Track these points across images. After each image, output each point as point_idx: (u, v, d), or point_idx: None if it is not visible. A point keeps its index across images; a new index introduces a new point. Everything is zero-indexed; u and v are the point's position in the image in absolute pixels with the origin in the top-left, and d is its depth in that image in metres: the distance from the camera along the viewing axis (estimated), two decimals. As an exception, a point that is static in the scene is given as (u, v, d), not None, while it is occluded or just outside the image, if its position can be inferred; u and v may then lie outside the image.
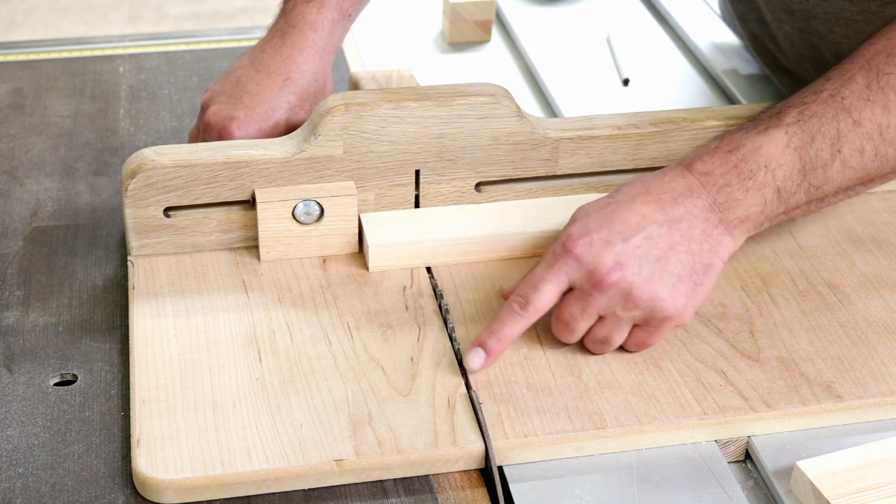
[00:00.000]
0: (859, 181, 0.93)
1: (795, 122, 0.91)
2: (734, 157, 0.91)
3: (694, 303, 0.90)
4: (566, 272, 0.88)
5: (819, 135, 0.90)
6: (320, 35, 1.08)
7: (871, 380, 0.89)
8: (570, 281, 0.89)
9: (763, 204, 0.91)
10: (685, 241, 0.89)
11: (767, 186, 0.90)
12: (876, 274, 1.00)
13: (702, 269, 0.89)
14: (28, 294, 0.99)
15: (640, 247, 0.88)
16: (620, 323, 0.89)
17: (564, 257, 0.88)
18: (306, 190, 0.99)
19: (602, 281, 0.87)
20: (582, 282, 0.88)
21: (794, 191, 0.91)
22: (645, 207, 0.89)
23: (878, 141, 0.90)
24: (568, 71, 1.33)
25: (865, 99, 0.90)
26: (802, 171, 0.91)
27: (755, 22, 1.23)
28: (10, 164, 1.17)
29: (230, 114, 1.05)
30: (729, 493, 0.82)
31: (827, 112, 0.90)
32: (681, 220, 0.89)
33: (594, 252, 0.88)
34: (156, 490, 0.81)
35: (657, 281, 0.88)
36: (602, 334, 0.90)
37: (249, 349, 0.91)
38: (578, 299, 0.89)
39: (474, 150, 1.01)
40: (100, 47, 1.40)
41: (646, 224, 0.89)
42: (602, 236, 0.88)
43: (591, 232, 0.89)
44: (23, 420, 0.87)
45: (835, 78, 0.92)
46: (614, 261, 0.87)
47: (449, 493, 0.82)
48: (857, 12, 1.07)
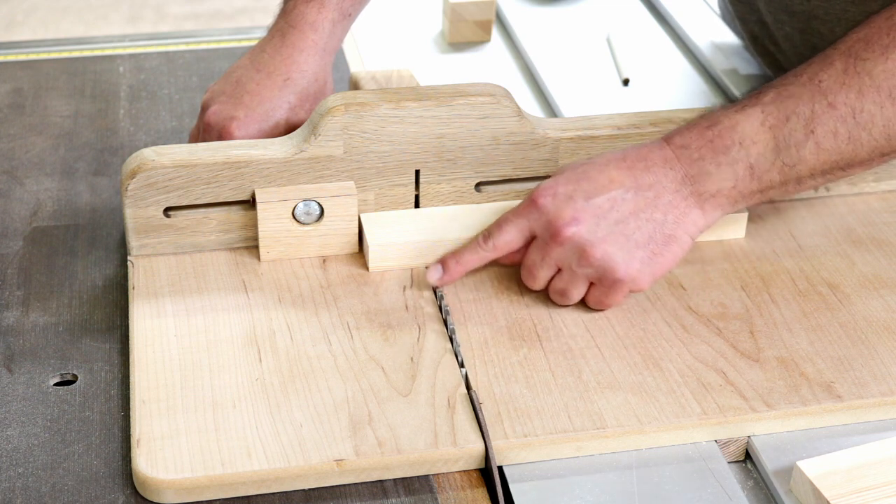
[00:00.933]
0: (835, 164, 0.93)
1: (772, 101, 0.92)
2: (710, 133, 0.93)
3: (651, 271, 0.93)
4: (528, 219, 0.94)
5: (794, 115, 0.91)
6: (320, 35, 1.08)
7: (871, 380, 0.89)
8: (531, 228, 0.94)
9: (735, 179, 0.92)
10: (649, 208, 0.92)
11: (740, 162, 0.92)
12: (876, 274, 1.00)
13: (662, 239, 0.92)
14: (28, 294, 0.99)
15: (601, 207, 0.92)
16: (575, 278, 0.93)
17: (529, 206, 0.94)
18: (306, 190, 0.99)
19: (558, 233, 0.92)
20: (542, 231, 0.93)
21: (768, 168, 0.92)
22: (616, 172, 0.93)
23: (851, 124, 0.91)
24: (568, 71, 1.33)
25: (841, 83, 0.91)
26: (776, 149, 0.92)
27: (755, 23, 1.24)
28: (10, 164, 1.17)
29: (230, 114, 1.05)
30: (729, 493, 0.82)
31: (803, 94, 0.92)
32: (649, 187, 0.93)
33: (556, 204, 0.92)
34: (156, 490, 0.81)
35: (611, 242, 0.92)
36: (559, 286, 0.94)
37: (249, 349, 0.91)
38: (538, 248, 0.94)
39: (474, 150, 1.01)
40: (100, 47, 1.40)
41: (612, 187, 0.93)
42: (567, 191, 0.93)
43: (557, 185, 0.94)
44: (23, 420, 0.87)
45: (816, 62, 0.93)
46: (572, 216, 0.92)
47: (449, 493, 0.82)
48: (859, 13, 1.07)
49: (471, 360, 0.90)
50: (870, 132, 0.91)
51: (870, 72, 0.90)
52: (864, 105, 0.91)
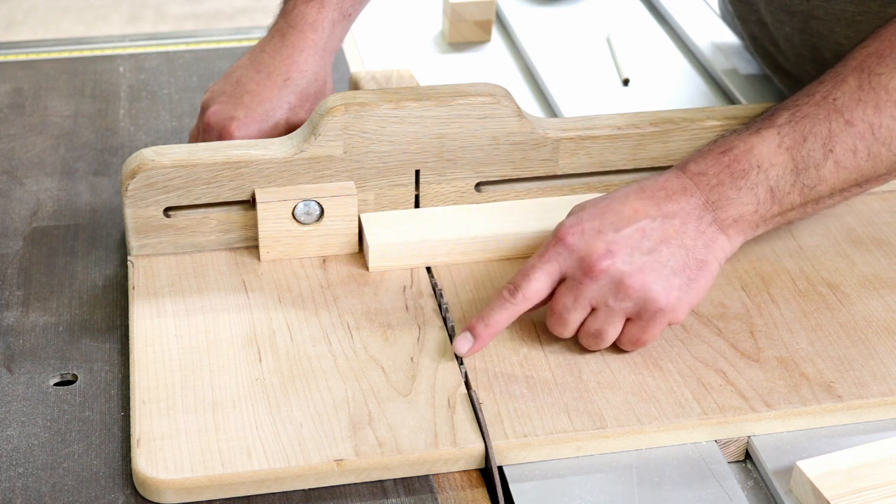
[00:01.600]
0: (854, 182, 0.93)
1: (787, 122, 0.91)
2: (727, 158, 0.91)
3: (688, 299, 0.89)
4: (557, 261, 0.89)
5: (811, 135, 0.91)
6: (320, 35, 1.08)
7: (871, 380, 0.89)
8: (561, 270, 0.89)
9: (756, 203, 0.91)
10: (678, 235, 0.89)
11: (760, 186, 0.90)
12: (876, 274, 1.00)
13: (696, 265, 0.89)
14: (28, 294, 0.99)
15: (632, 237, 0.89)
16: (612, 315, 0.89)
17: (556, 246, 0.89)
18: (306, 190, 0.99)
19: (592, 268, 0.88)
20: (573, 270, 0.89)
21: (788, 191, 0.91)
22: (638, 203, 0.90)
23: (870, 140, 0.90)
24: (568, 71, 1.33)
25: (857, 99, 0.90)
26: (795, 170, 0.91)
27: (755, 23, 1.23)
28: (10, 164, 1.17)
29: (230, 114, 1.05)
30: (729, 493, 0.82)
31: (819, 113, 0.91)
32: (674, 216, 0.90)
33: (585, 240, 0.89)
34: (156, 490, 0.81)
35: (649, 271, 0.88)
36: (594, 327, 0.89)
37: (249, 349, 0.91)
38: (570, 289, 0.89)
39: (474, 150, 1.01)
40: (100, 47, 1.40)
41: (638, 217, 0.89)
42: (594, 226, 0.89)
43: (583, 222, 0.90)
44: (23, 420, 0.87)
45: (827, 81, 0.92)
46: (605, 248, 0.88)
47: (449, 493, 0.82)
48: (858, 13, 1.07)
49: (471, 360, 0.90)
50: (889, 147, 0.91)
51: (885, 86, 0.90)
52: (882, 120, 0.90)
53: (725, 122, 1.03)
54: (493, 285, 0.98)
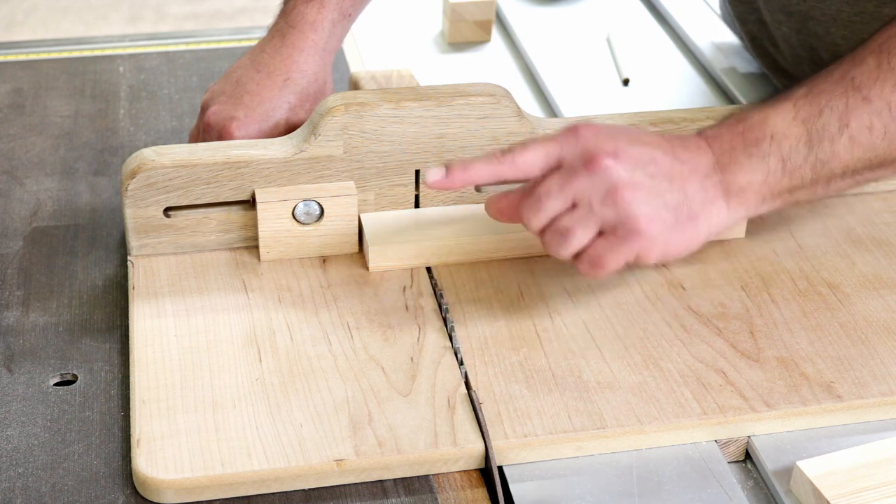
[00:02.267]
0: (867, 162, 0.91)
1: (803, 96, 0.91)
2: (741, 126, 0.91)
3: (665, 241, 0.88)
4: (561, 144, 0.88)
5: (827, 108, 0.90)
6: (320, 35, 1.08)
7: (871, 380, 0.89)
8: (560, 156, 0.88)
9: (766, 173, 0.90)
10: (682, 179, 0.88)
11: (772, 156, 0.89)
12: (876, 274, 1.00)
13: (687, 213, 0.88)
14: (28, 294, 0.99)
15: (642, 156, 0.87)
16: (589, 217, 0.86)
17: (566, 133, 0.88)
18: (306, 190, 0.99)
19: (594, 160, 0.86)
20: (573, 159, 0.87)
21: (800, 164, 0.90)
22: (656, 138, 0.90)
23: (887, 118, 0.89)
24: (568, 71, 1.33)
25: (875, 78, 0.89)
26: (809, 142, 0.89)
27: (754, 23, 1.24)
28: (10, 164, 1.17)
29: (230, 114, 1.05)
30: (729, 493, 0.82)
31: (836, 89, 0.90)
32: (684, 162, 0.89)
33: (598, 137, 0.87)
34: (156, 490, 0.81)
35: (644, 190, 0.86)
36: (566, 223, 0.87)
37: (249, 349, 0.91)
38: (561, 175, 0.87)
39: (474, 150, 1.01)
40: (100, 47, 1.40)
41: (653, 146, 0.89)
42: (610, 132, 0.88)
43: (600, 126, 0.89)
44: (23, 420, 0.87)
45: (846, 62, 0.92)
46: (613, 149, 0.87)
47: (449, 493, 0.82)
48: (855, 13, 1.07)
49: (471, 360, 0.90)
50: None
51: None
52: None
53: (725, 122, 1.03)
54: (494, 285, 0.98)
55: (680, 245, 0.89)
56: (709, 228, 0.89)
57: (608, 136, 0.88)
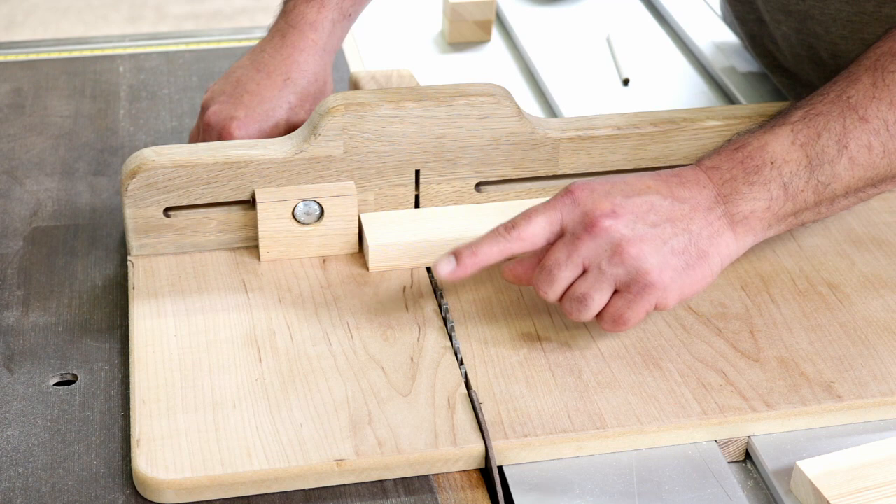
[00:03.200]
0: (869, 181, 0.92)
1: (801, 119, 0.91)
2: (740, 154, 0.91)
3: (681, 284, 0.88)
4: (561, 210, 0.88)
5: (825, 131, 0.90)
6: (320, 35, 1.08)
7: (871, 380, 0.89)
8: (562, 221, 0.88)
9: (769, 199, 0.90)
10: (685, 219, 0.88)
11: (773, 182, 0.90)
12: (876, 274, 1.00)
13: (697, 253, 0.88)
14: (28, 294, 0.99)
15: (640, 207, 0.88)
16: (602, 280, 0.87)
17: (563, 197, 0.89)
18: (306, 190, 0.99)
19: (594, 224, 0.87)
20: (574, 224, 0.88)
21: (802, 188, 0.90)
22: (651, 181, 0.90)
23: (885, 136, 0.90)
24: (568, 71, 1.33)
25: (871, 97, 0.90)
26: (809, 167, 0.90)
27: (754, 22, 1.24)
28: (10, 164, 1.17)
29: (230, 113, 1.05)
30: (729, 493, 0.82)
31: (833, 110, 0.91)
32: (684, 200, 0.89)
33: (593, 197, 0.88)
34: (156, 490, 0.81)
35: (648, 243, 0.87)
36: (581, 290, 0.87)
37: (249, 349, 0.91)
38: (566, 244, 0.88)
39: (474, 150, 1.01)
40: (100, 47, 1.40)
41: (649, 192, 0.89)
42: (604, 188, 0.89)
43: (594, 183, 0.89)
44: (23, 420, 0.87)
45: (841, 80, 0.92)
46: (611, 208, 0.87)
47: (449, 493, 0.82)
48: (854, 13, 1.07)
49: (471, 360, 0.90)
50: None
51: None
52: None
53: (725, 122, 1.03)
54: (494, 285, 0.98)
55: (695, 284, 0.89)
56: (721, 261, 0.90)
57: (603, 193, 0.88)
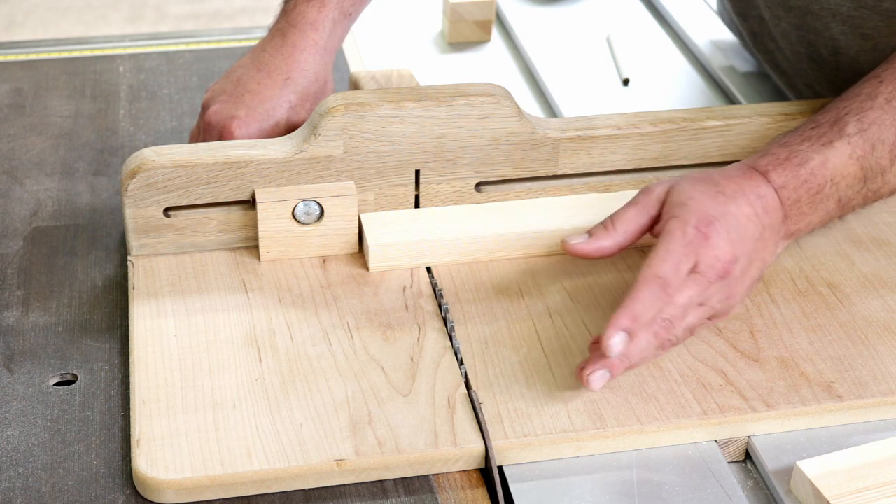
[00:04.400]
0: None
1: (857, 132, 0.93)
2: (804, 172, 0.93)
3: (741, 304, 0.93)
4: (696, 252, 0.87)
5: (879, 142, 0.93)
6: (321, 34, 1.08)
7: (871, 380, 0.89)
8: (696, 261, 0.87)
9: (825, 214, 0.94)
10: (764, 251, 0.91)
11: (831, 198, 0.93)
12: (876, 274, 1.00)
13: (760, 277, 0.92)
14: (28, 294, 0.99)
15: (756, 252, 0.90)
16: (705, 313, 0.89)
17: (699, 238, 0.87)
18: (306, 190, 0.99)
19: (728, 272, 0.87)
20: (708, 269, 0.87)
21: (853, 196, 0.94)
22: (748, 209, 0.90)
23: None
24: (568, 71, 1.33)
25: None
26: (863, 179, 0.93)
27: (755, 19, 1.24)
28: (10, 164, 1.17)
29: (231, 113, 1.05)
30: (729, 493, 0.82)
31: (885, 119, 0.93)
32: (766, 228, 0.91)
33: (727, 243, 0.87)
34: (156, 490, 0.81)
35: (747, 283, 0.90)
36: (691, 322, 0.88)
37: (249, 349, 0.91)
38: (699, 285, 0.87)
39: (474, 150, 1.01)
40: (100, 47, 1.40)
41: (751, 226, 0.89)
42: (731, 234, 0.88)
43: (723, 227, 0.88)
44: (23, 420, 0.87)
45: (887, 80, 0.94)
46: (737, 258, 0.88)
47: (449, 493, 0.82)
48: (854, 8, 1.07)
49: (471, 360, 0.90)
50: None
51: None
52: None
53: (725, 122, 1.03)
54: (493, 285, 0.98)
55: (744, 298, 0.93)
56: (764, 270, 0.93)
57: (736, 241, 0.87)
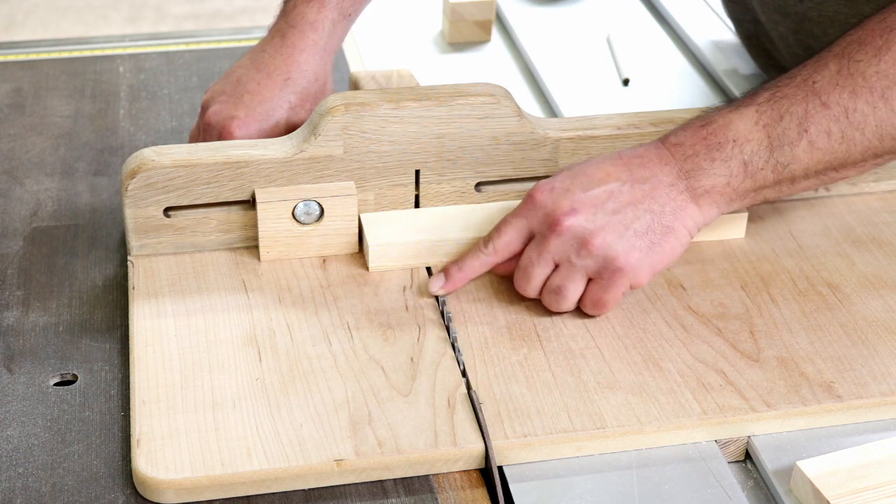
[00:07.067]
0: (828, 164, 0.94)
1: (766, 101, 0.94)
2: (704, 131, 0.94)
3: (650, 262, 0.93)
4: (526, 217, 0.94)
5: (787, 114, 0.92)
6: (320, 35, 1.08)
7: (871, 380, 0.89)
8: (529, 226, 0.94)
9: (729, 175, 0.93)
10: (646, 200, 0.93)
11: (734, 159, 0.93)
12: (876, 274, 1.00)
13: (661, 230, 0.93)
14: (28, 294, 0.99)
15: (598, 198, 0.93)
16: (573, 272, 0.92)
17: (526, 203, 0.95)
18: (306, 190, 0.99)
19: (557, 223, 0.92)
20: (540, 226, 0.93)
21: (762, 167, 0.93)
22: (611, 167, 0.95)
23: (844, 124, 0.92)
24: (568, 71, 1.33)
25: (835, 84, 0.92)
26: (769, 147, 0.93)
27: (750, 22, 1.24)
28: (10, 164, 1.17)
29: (231, 113, 1.05)
30: (729, 493, 0.82)
31: (797, 94, 0.93)
32: (645, 181, 0.93)
33: (553, 198, 0.93)
34: (156, 490, 0.81)
35: (611, 230, 0.92)
36: (556, 282, 0.93)
37: (249, 349, 0.91)
38: (536, 244, 0.93)
39: (474, 150, 1.01)
40: (100, 47, 1.40)
41: (609, 180, 0.93)
42: (564, 185, 0.94)
43: (554, 181, 0.95)
44: (23, 420, 0.87)
45: (810, 65, 0.95)
46: (570, 206, 0.92)
47: (449, 493, 0.82)
48: (852, 15, 1.07)
49: (471, 360, 0.90)
50: (862, 132, 0.92)
51: (863, 73, 0.91)
52: (857, 105, 0.92)
53: (725, 122, 1.03)
54: (494, 285, 0.98)
55: (665, 258, 0.94)
56: (688, 231, 0.94)
57: (562, 191, 0.93)
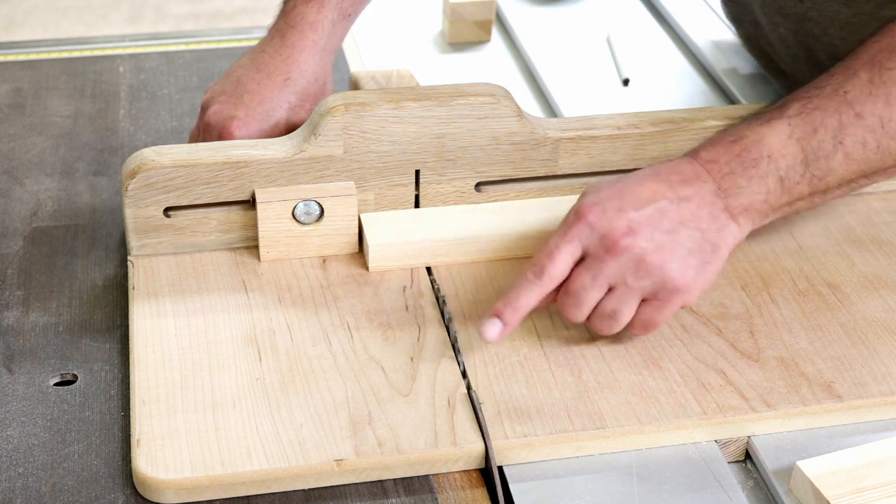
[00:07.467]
0: (861, 174, 0.93)
1: (798, 114, 0.92)
2: (737, 147, 0.92)
3: (702, 280, 0.90)
4: (579, 238, 0.89)
5: (821, 126, 0.91)
6: (320, 35, 1.08)
7: (871, 380, 0.89)
8: (583, 247, 0.89)
9: (766, 193, 0.91)
10: (694, 218, 0.90)
11: (770, 176, 0.91)
12: (876, 274, 1.00)
13: (710, 248, 0.90)
14: (28, 294, 0.99)
15: (652, 216, 0.89)
16: (629, 294, 0.89)
17: (577, 224, 0.89)
18: (306, 190, 0.99)
19: (615, 244, 0.88)
20: (595, 247, 0.89)
21: (797, 181, 0.92)
22: (654, 184, 0.91)
23: (879, 133, 0.91)
24: (568, 71, 1.33)
25: (868, 93, 0.91)
26: (805, 161, 0.91)
27: (749, 23, 1.24)
28: (10, 164, 1.17)
29: (230, 113, 1.05)
30: (729, 493, 0.82)
31: (829, 105, 0.91)
32: (690, 199, 0.90)
33: (607, 217, 0.88)
34: (156, 490, 0.81)
35: (668, 251, 0.88)
36: (610, 307, 0.89)
37: (249, 349, 0.91)
38: (589, 267, 0.89)
39: (474, 150, 1.01)
40: (100, 47, 1.40)
41: (656, 198, 0.90)
42: (614, 205, 0.89)
43: (603, 201, 0.90)
44: (23, 420, 0.87)
45: (838, 74, 0.93)
46: (627, 226, 0.88)
47: (449, 493, 0.82)
48: (852, 15, 1.07)
49: (471, 360, 0.90)
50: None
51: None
52: (892, 114, 0.91)
53: (725, 122, 1.03)
54: (494, 285, 0.98)
55: (711, 276, 0.91)
56: (729, 248, 0.91)
57: (616, 211, 0.89)
